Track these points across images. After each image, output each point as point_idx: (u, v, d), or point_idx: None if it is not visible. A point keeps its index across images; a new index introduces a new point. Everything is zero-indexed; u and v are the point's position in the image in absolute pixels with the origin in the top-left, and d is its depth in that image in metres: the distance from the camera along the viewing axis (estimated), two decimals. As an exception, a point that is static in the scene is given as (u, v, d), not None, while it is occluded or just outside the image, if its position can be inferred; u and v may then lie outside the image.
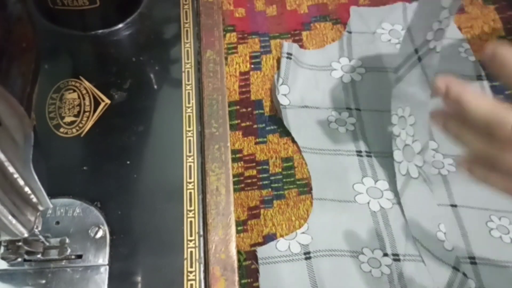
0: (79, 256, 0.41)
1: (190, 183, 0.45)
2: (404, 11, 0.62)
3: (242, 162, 0.52)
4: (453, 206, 0.50)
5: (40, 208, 0.34)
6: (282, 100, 0.53)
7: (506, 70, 0.33)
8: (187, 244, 0.42)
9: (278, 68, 0.56)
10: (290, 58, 0.56)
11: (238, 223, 0.48)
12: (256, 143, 0.53)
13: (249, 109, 0.55)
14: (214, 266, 0.41)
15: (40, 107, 0.48)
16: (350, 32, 0.60)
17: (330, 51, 0.58)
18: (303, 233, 0.47)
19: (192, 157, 0.46)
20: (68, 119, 0.48)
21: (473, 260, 0.47)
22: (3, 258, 0.40)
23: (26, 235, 0.33)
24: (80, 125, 0.48)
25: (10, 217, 0.31)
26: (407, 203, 0.49)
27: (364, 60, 0.57)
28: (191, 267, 0.41)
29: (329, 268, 0.46)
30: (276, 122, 0.54)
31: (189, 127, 0.48)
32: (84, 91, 0.50)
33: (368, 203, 0.49)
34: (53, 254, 0.41)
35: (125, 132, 0.48)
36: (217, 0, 0.57)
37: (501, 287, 0.46)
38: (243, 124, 0.54)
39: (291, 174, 0.51)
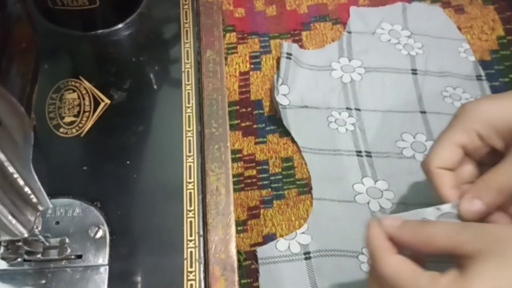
0: (79, 256, 0.41)
1: (190, 183, 0.45)
2: (404, 11, 0.62)
3: (242, 162, 0.52)
4: None
5: (40, 208, 0.34)
6: (282, 100, 0.53)
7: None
8: (187, 244, 0.42)
9: (278, 68, 0.56)
10: (290, 58, 0.56)
11: (238, 223, 0.48)
12: (256, 143, 0.53)
13: (249, 109, 0.55)
14: (214, 266, 0.41)
15: (40, 107, 0.48)
16: (349, 32, 0.60)
17: (330, 51, 0.58)
18: (303, 233, 0.47)
19: (192, 157, 0.46)
20: (68, 119, 0.48)
21: None
22: (3, 258, 0.40)
23: (26, 235, 0.33)
24: (80, 125, 0.48)
25: (10, 217, 0.31)
26: None
27: (363, 60, 0.57)
28: (191, 267, 0.41)
29: (329, 268, 0.46)
30: (276, 122, 0.54)
31: (189, 127, 0.48)
32: (84, 91, 0.50)
33: (368, 203, 0.49)
34: (53, 254, 0.41)
35: (125, 132, 0.48)
36: (217, 0, 0.57)
37: None
38: (242, 124, 0.54)
39: (291, 174, 0.51)
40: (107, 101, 0.49)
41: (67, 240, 0.41)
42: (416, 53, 0.58)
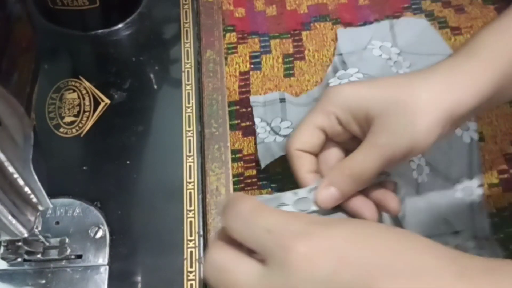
0: (79, 256, 0.41)
1: (190, 183, 0.45)
2: (392, 29, 0.59)
3: (242, 162, 0.52)
4: None
5: (40, 208, 0.34)
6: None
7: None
8: (187, 244, 0.42)
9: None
10: (284, 102, 0.54)
11: (238, 223, 0.48)
12: (256, 143, 0.53)
13: (249, 109, 0.55)
14: (214, 266, 0.41)
15: (40, 107, 0.48)
16: (340, 54, 0.57)
17: (317, 92, 0.55)
18: None
19: (192, 157, 0.46)
20: (68, 119, 0.48)
21: None
22: (3, 258, 0.40)
23: (26, 235, 0.33)
24: (80, 125, 0.48)
25: (10, 217, 0.31)
26: None
27: (360, 67, 0.55)
28: (191, 267, 0.41)
29: None
30: (276, 122, 0.54)
31: (189, 127, 0.48)
32: (84, 91, 0.50)
33: None
34: (53, 254, 0.41)
35: (125, 132, 0.48)
36: (217, 0, 0.57)
37: None
38: (243, 124, 0.54)
39: (290, 174, 0.51)
40: (107, 101, 0.49)
41: (67, 240, 0.41)
42: (404, 72, 0.56)
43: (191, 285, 0.41)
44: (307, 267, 0.27)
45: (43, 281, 0.40)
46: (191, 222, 0.43)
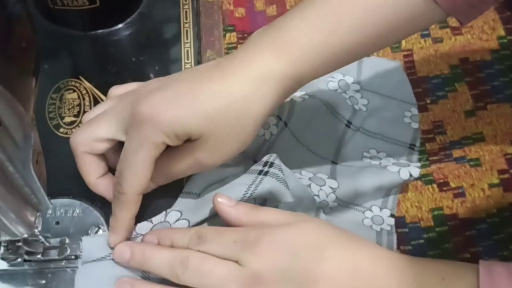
0: (79, 257, 0.41)
1: (190, 183, 0.45)
2: (359, 64, 0.57)
3: (242, 162, 0.52)
4: None
5: (40, 208, 0.34)
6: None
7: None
8: (187, 244, 0.42)
9: None
10: None
11: (238, 223, 0.48)
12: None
13: (249, 109, 0.55)
14: (214, 266, 0.41)
15: (40, 107, 0.48)
16: None
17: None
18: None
19: (192, 157, 0.46)
20: (68, 119, 0.48)
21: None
22: (3, 258, 0.40)
23: (26, 235, 0.33)
24: (80, 125, 0.48)
25: (10, 217, 0.31)
26: None
27: (306, 89, 0.52)
28: (191, 267, 0.41)
29: None
30: (276, 122, 0.54)
31: (189, 127, 0.48)
32: (84, 91, 0.50)
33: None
34: (53, 254, 0.41)
35: (125, 132, 0.48)
36: (217, 0, 0.57)
37: None
38: (243, 124, 0.54)
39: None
40: (107, 101, 0.49)
41: (67, 240, 0.41)
42: (359, 109, 0.54)
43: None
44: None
45: (43, 281, 0.40)
46: (191, 222, 0.43)
